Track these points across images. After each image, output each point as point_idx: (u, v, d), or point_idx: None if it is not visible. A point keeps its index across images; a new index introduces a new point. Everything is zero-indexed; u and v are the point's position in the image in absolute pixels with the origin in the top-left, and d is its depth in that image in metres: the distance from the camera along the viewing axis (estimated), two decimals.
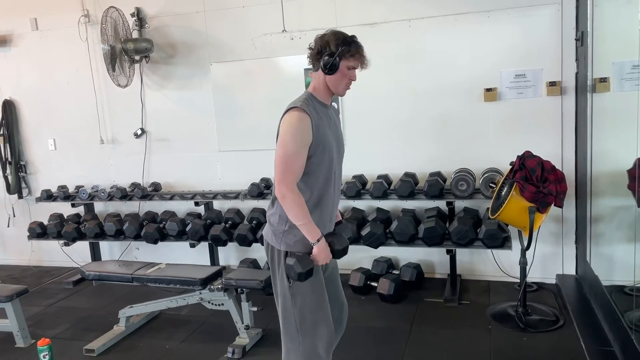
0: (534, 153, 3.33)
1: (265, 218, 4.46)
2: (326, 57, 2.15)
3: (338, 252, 2.21)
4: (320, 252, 2.16)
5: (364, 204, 4.41)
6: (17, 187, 5.40)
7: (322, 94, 2.26)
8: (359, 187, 4.21)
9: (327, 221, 2.30)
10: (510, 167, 3.34)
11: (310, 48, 2.23)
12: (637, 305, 3.07)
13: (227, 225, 4.47)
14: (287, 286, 2.23)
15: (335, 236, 2.25)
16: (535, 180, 3.17)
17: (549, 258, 4.11)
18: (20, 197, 5.45)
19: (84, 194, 4.95)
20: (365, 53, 2.23)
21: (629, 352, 2.66)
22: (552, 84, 3.89)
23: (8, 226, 5.52)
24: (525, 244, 3.36)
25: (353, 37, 2.20)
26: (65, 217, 5.10)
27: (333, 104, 2.42)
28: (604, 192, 3.65)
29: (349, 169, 4.46)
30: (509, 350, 3.14)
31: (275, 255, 2.26)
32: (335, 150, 2.28)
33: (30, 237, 5.07)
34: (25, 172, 5.45)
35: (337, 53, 2.14)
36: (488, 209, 3.60)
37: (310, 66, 2.25)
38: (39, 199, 5.17)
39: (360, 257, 4.45)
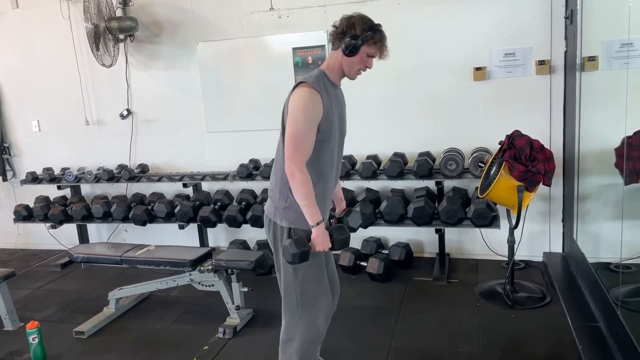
0: (523, 132, 3.34)
1: (254, 200, 4.48)
2: (348, 39, 2.16)
3: (337, 242, 2.22)
4: (318, 236, 2.16)
5: (353, 184, 4.41)
6: (1, 170, 5.31)
7: (335, 74, 2.26)
8: (348, 168, 4.20)
9: (323, 204, 2.29)
10: (499, 146, 3.35)
11: (334, 26, 2.23)
12: (623, 281, 3.13)
13: (216, 206, 4.45)
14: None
15: (337, 228, 2.25)
16: (524, 159, 3.19)
17: (536, 236, 4.16)
18: (5, 179, 5.37)
19: (70, 176, 4.88)
20: (387, 44, 2.26)
21: (615, 327, 2.71)
22: (541, 62, 3.89)
23: None
24: (514, 222, 3.39)
25: (379, 25, 2.23)
26: (52, 200, 5.04)
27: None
28: (591, 171, 3.69)
29: None
30: (497, 326, 3.19)
31: (277, 231, 2.28)
32: (338, 131, 2.29)
33: (16, 220, 5.01)
34: (9, 155, 5.36)
35: (360, 37, 2.15)
36: (477, 188, 3.62)
37: (330, 44, 2.25)
38: (24, 182, 5.09)
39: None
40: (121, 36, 4.63)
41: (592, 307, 3.14)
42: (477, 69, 4.03)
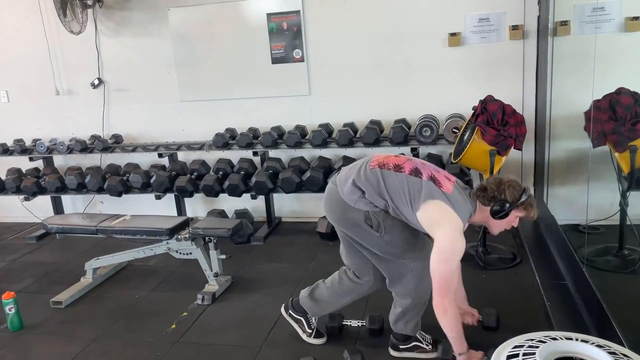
0: (496, 97, 3.37)
1: (231, 169, 4.44)
2: (497, 207, 2.20)
3: None
4: None
5: (330, 153, 4.43)
6: None
7: (476, 221, 2.31)
8: (325, 136, 4.21)
9: None
10: (473, 112, 3.39)
11: (483, 188, 2.25)
12: (589, 242, 3.24)
13: (192, 176, 4.43)
14: (378, 236, 2.30)
15: None
16: (496, 123, 3.23)
17: None
18: None
19: (41, 147, 4.78)
20: (536, 205, 2.26)
21: (581, 285, 2.81)
22: (514, 27, 3.91)
23: None
24: None
25: (528, 189, 2.24)
26: (24, 172, 4.95)
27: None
28: (561, 135, 3.77)
29: (315, 118, 4.46)
30: (470, 287, 3.25)
31: (354, 213, 2.29)
32: None
33: None
34: None
35: (511, 206, 2.19)
36: (451, 154, 3.67)
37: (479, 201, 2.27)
38: None
39: None
40: (89, 2, 4.49)
41: (560, 267, 3.25)
42: (452, 34, 4.03)
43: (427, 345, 2.56)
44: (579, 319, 2.64)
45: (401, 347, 2.56)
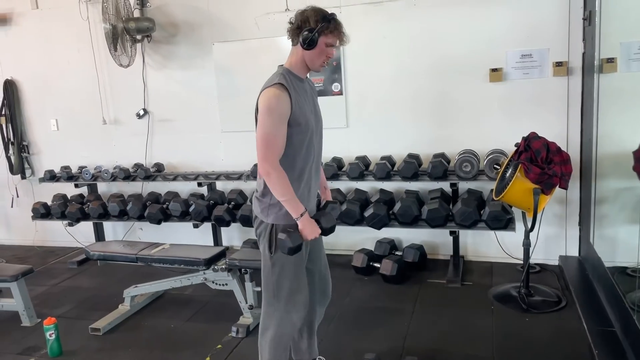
0: (540, 134, 3.31)
1: None
2: (305, 33, 2.18)
3: (325, 230, 2.28)
4: (305, 226, 2.21)
5: (367, 186, 4.41)
6: (20, 168, 5.40)
7: (299, 69, 2.29)
8: (362, 169, 4.20)
9: (307, 195, 2.35)
10: (515, 148, 3.32)
11: (290, 22, 2.26)
12: None
13: (230, 205, 4.48)
14: (268, 256, 2.33)
15: (323, 214, 2.31)
16: (540, 161, 3.16)
17: (552, 240, 4.12)
18: (24, 177, 5.46)
19: (87, 174, 4.95)
20: (345, 30, 2.26)
21: (631, 333, 2.67)
22: (558, 64, 3.85)
23: (12, 206, 5.53)
24: (529, 225, 3.36)
25: (333, 14, 2.23)
26: (69, 198, 5.11)
27: (313, 80, 2.42)
28: (608, 174, 3.64)
29: (352, 150, 4.46)
30: (512, 330, 3.16)
31: (261, 227, 2.35)
32: (313, 123, 2.31)
33: (34, 218, 5.09)
34: (28, 153, 5.44)
35: (316, 29, 2.16)
36: (492, 190, 3.59)
37: (289, 40, 2.28)
38: (42, 180, 5.18)
39: (363, 238, 4.46)
40: (138, 37, 4.69)
41: (608, 312, 3.10)
42: (493, 70, 4.00)
43: None
44: None
45: None
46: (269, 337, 2.41)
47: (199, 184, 4.75)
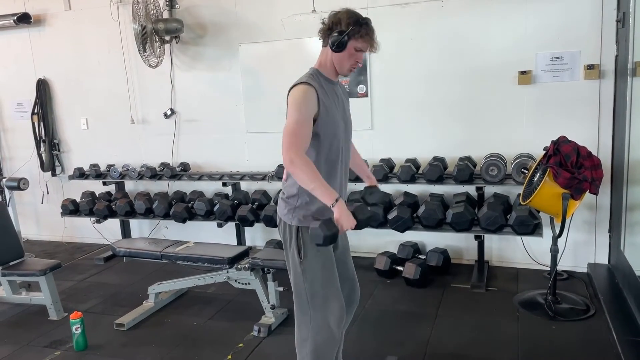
0: (570, 138, 3.24)
1: None
2: (335, 35, 2.14)
3: (361, 222, 2.07)
4: (341, 213, 2.00)
5: (391, 188, 4.38)
6: (50, 165, 5.53)
7: (328, 71, 2.25)
8: (386, 171, 4.18)
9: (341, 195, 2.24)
10: (544, 152, 3.26)
11: (322, 23, 2.22)
12: None
13: (254, 206, 4.50)
14: (298, 262, 2.24)
15: (356, 206, 2.11)
16: (570, 166, 3.09)
17: (581, 246, 4.02)
18: (54, 174, 5.59)
19: (115, 172, 5.04)
20: (376, 37, 2.21)
21: None
22: (590, 67, 3.76)
23: (42, 203, 5.67)
24: (557, 231, 3.29)
25: (366, 19, 2.18)
26: (97, 195, 5.22)
27: (342, 82, 2.40)
28: None
29: (376, 152, 4.44)
30: (537, 338, 3.09)
31: (287, 231, 2.27)
32: (342, 126, 2.26)
33: (63, 214, 5.21)
34: (59, 151, 5.57)
35: (346, 32, 2.12)
36: (519, 195, 3.53)
37: (321, 41, 2.25)
38: (71, 177, 5.29)
39: (386, 241, 4.43)
40: (167, 37, 4.76)
41: (638, 322, 3.01)
42: (522, 72, 3.93)
43: None
44: None
45: None
46: (310, 349, 2.30)
47: (224, 184, 4.79)
